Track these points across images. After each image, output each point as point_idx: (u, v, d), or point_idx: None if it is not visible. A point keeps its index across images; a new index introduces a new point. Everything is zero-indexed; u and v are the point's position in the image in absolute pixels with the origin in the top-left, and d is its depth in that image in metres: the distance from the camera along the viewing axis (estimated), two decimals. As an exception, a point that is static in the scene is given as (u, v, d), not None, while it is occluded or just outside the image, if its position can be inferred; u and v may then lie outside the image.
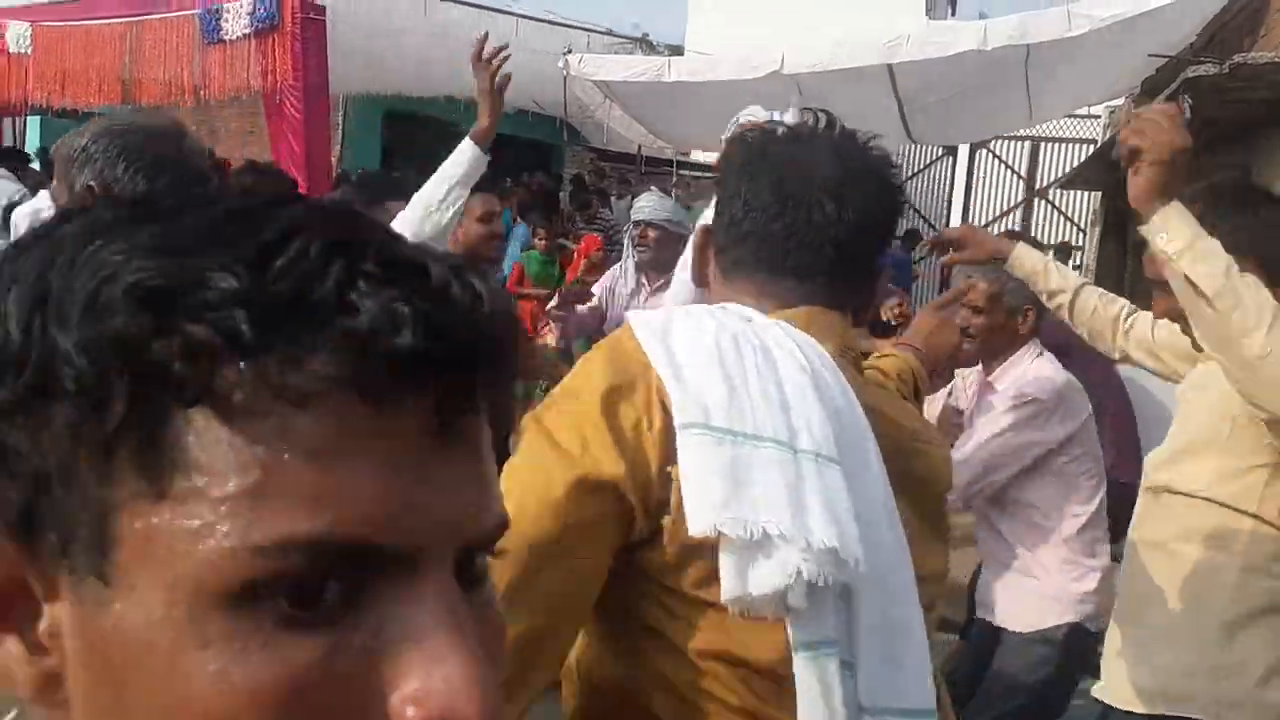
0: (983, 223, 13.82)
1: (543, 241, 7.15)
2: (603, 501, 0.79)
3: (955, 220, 13.82)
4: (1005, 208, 13.99)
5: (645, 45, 11.73)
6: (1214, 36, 6.01)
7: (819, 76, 7.13)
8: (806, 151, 0.97)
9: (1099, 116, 11.34)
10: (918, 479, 0.97)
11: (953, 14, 17.58)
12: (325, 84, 8.02)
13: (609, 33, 11.65)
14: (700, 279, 1.06)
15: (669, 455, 0.79)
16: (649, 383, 0.82)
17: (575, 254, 7.05)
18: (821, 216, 0.94)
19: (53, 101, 10.36)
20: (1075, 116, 12.04)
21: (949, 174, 14.41)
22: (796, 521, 0.74)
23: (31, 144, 12.59)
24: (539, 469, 0.80)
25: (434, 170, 2.58)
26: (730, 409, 0.78)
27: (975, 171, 14.18)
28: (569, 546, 0.78)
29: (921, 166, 14.26)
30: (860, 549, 0.76)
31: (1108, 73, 6.78)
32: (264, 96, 8.20)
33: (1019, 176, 13.93)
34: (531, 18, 10.77)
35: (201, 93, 8.64)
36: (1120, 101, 8.82)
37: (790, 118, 1.09)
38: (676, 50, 12.03)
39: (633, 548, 0.80)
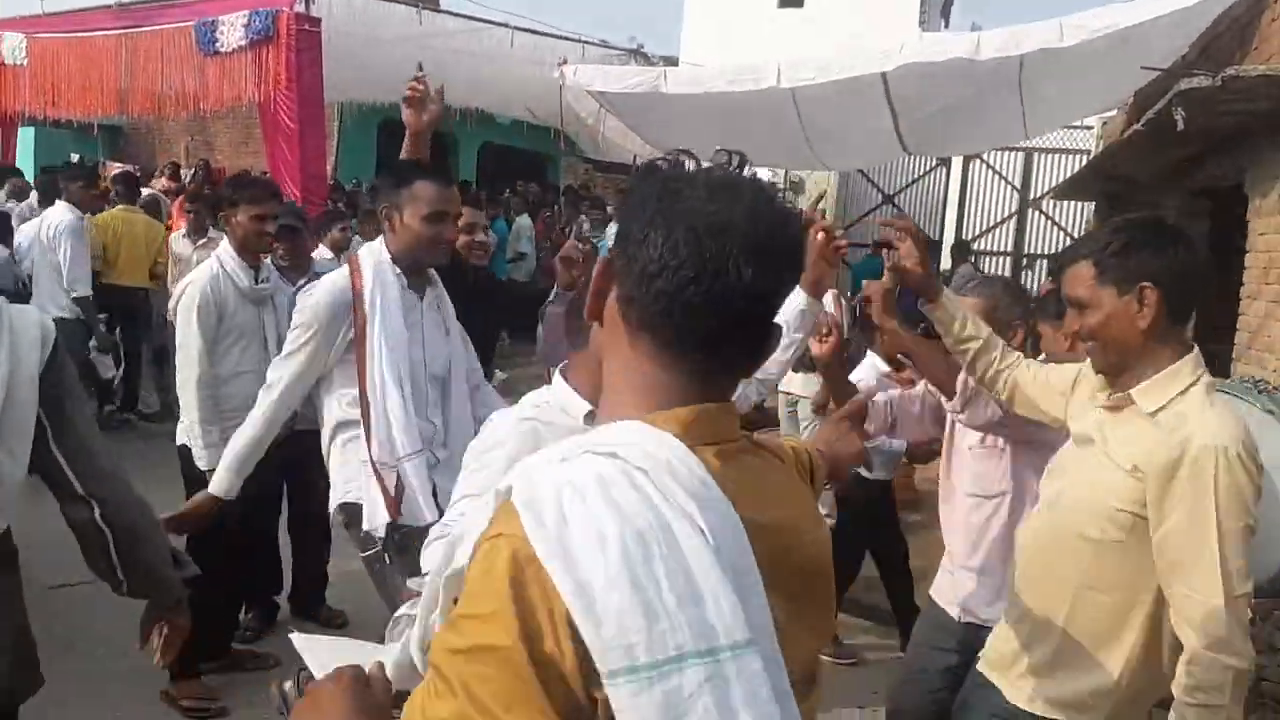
0: (977, 232, 13.86)
1: None
2: None
3: (949, 231, 13.86)
4: (999, 218, 14.04)
5: (640, 57, 11.78)
6: (1205, 49, 6.06)
7: (814, 88, 7.16)
8: (727, 208, 0.93)
9: (1091, 128, 11.40)
10: (795, 572, 0.99)
11: (946, 27, 17.70)
12: (320, 94, 8.04)
13: (604, 44, 11.70)
14: (595, 314, 1.01)
15: (591, 680, 0.80)
16: (554, 611, 0.80)
17: None
18: (739, 284, 0.92)
19: (49, 113, 10.36)
20: (1068, 127, 12.09)
21: (943, 184, 14.46)
22: None
23: (25, 155, 12.58)
24: None
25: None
26: (651, 638, 0.79)
27: (969, 182, 14.22)
28: None
29: (916, 177, 14.32)
30: None
31: (1100, 85, 6.81)
32: (259, 107, 8.22)
33: (1013, 187, 13.98)
34: (527, 29, 10.81)
35: (200, 104, 8.64)
36: (1113, 113, 8.87)
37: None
38: (671, 61, 12.09)
39: None
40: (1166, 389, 1.75)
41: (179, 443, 3.41)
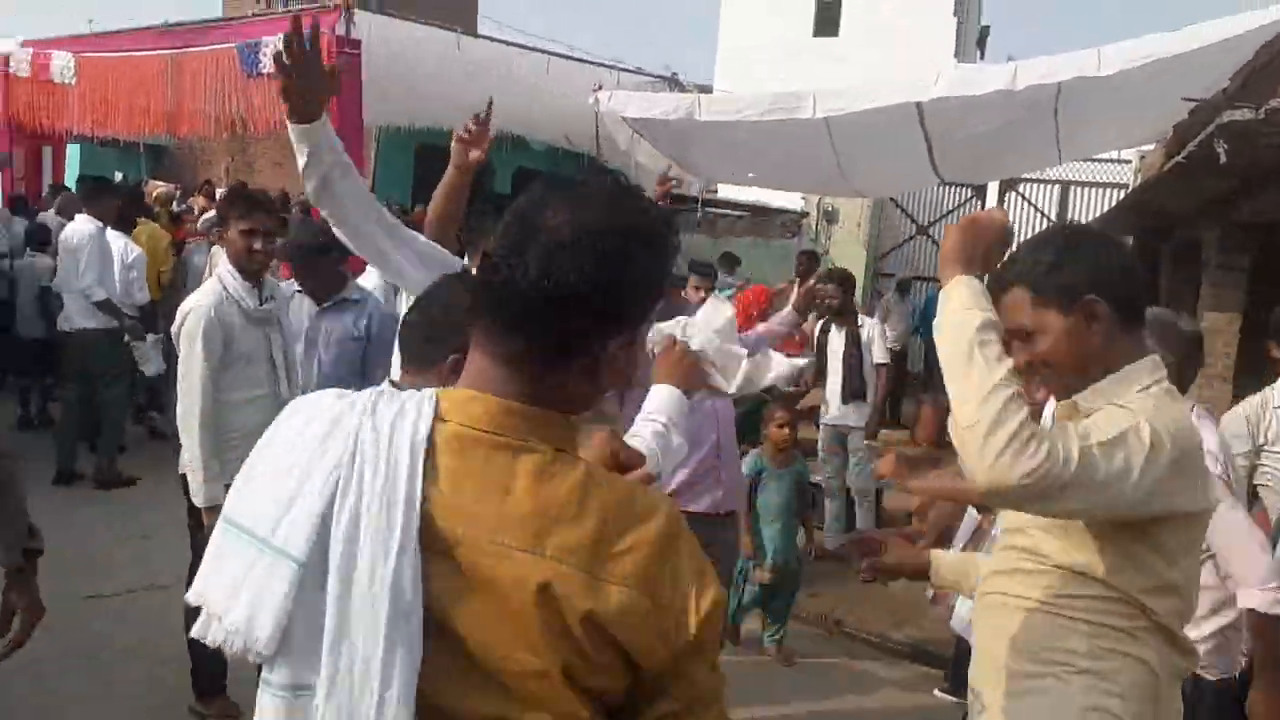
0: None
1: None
2: None
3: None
4: (1034, 249, 13.93)
5: (674, 84, 11.85)
6: (1247, 81, 5.98)
7: (849, 116, 7.15)
8: (551, 207, 1.02)
9: (1129, 161, 11.29)
10: (497, 579, 0.97)
11: (981, 58, 17.66)
12: (359, 117, 8.13)
13: (639, 71, 11.78)
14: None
15: None
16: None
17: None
18: (524, 277, 1.00)
19: (96, 131, 10.55)
20: (1105, 161, 11.99)
21: (977, 215, 14.36)
22: (224, 603, 0.99)
23: (70, 172, 12.85)
24: None
25: (465, 204, 2.66)
26: (240, 503, 1.03)
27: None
28: None
29: (949, 208, 14.25)
30: (268, 634, 0.97)
31: (1139, 115, 6.75)
32: (299, 129, 8.31)
33: (1048, 220, 13.88)
34: (562, 55, 10.91)
35: (249, 125, 8.72)
36: (1151, 147, 8.78)
37: None
38: (705, 89, 12.14)
39: None
40: (1116, 390, 1.65)
41: (181, 472, 3.22)
